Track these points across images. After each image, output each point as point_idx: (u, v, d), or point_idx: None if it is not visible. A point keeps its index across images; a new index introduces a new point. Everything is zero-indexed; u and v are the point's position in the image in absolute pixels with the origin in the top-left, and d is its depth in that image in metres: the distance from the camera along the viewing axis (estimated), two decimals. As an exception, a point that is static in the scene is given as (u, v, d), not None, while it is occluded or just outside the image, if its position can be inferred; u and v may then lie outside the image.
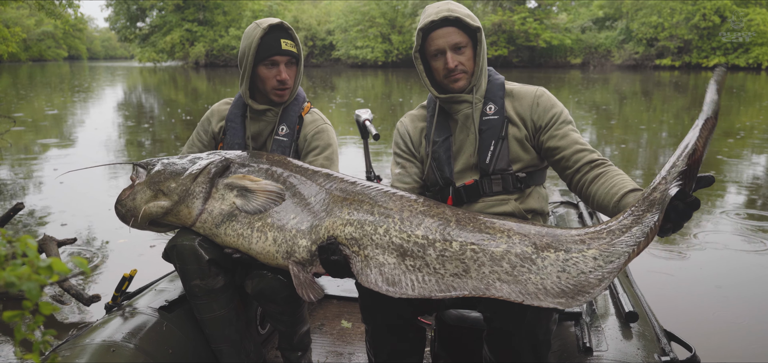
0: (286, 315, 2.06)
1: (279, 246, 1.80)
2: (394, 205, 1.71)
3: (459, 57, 1.91)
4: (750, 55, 33.50)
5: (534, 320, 1.56)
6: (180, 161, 2.02)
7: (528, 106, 1.96)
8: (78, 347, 1.78)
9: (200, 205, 1.93)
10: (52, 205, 5.70)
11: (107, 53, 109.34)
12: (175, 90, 23.87)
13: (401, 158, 2.10)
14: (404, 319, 1.76)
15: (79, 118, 13.82)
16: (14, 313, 0.95)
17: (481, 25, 1.93)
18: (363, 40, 42.85)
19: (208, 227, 1.92)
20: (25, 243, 0.96)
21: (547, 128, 1.93)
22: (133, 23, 53.24)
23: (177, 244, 1.96)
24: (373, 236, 1.66)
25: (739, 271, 3.92)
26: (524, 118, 1.96)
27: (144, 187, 1.97)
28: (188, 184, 1.94)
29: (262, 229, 1.83)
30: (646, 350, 1.75)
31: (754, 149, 8.72)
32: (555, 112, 1.94)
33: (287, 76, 2.18)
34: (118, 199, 2.01)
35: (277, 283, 1.97)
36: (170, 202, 1.95)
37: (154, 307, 2.05)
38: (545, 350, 1.64)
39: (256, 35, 2.15)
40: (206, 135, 2.36)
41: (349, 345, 2.64)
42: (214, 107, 2.39)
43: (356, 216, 1.71)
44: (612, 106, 14.96)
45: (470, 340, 2.18)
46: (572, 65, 40.45)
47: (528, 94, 1.99)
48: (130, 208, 1.98)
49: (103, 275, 3.93)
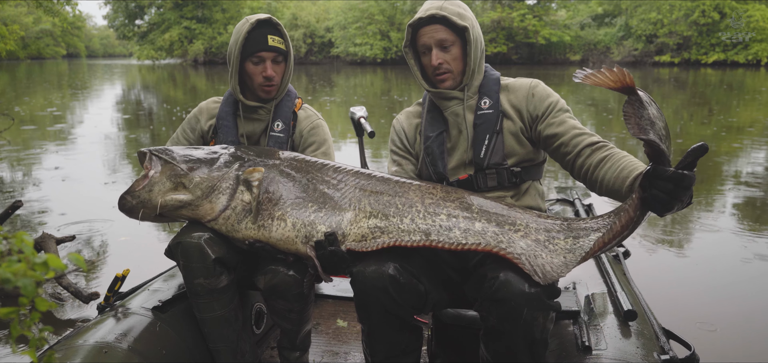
0: (294, 313, 2.04)
1: (298, 231, 1.83)
2: (414, 194, 1.80)
3: (444, 55, 1.91)
4: (749, 52, 33.54)
5: (530, 319, 1.55)
6: (199, 153, 1.98)
7: (523, 97, 1.95)
8: (70, 349, 1.75)
9: (225, 202, 1.89)
10: (51, 203, 5.69)
11: (106, 51, 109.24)
12: (174, 88, 23.85)
13: (397, 156, 2.11)
14: (401, 319, 1.76)
15: (77, 117, 13.81)
16: (10, 310, 0.95)
17: (473, 24, 1.92)
18: (362, 37, 42.86)
19: (230, 224, 1.90)
20: (21, 239, 0.96)
21: (544, 117, 1.92)
22: (131, 21, 53.18)
23: (182, 241, 1.91)
24: (400, 226, 1.75)
25: (737, 269, 3.92)
26: (520, 109, 1.95)
27: (163, 178, 1.90)
28: (216, 179, 1.91)
29: (282, 217, 1.85)
30: (646, 349, 1.74)
31: (754, 146, 8.73)
32: (551, 101, 1.93)
33: (273, 73, 2.16)
34: (129, 189, 1.92)
35: (290, 279, 1.94)
36: (192, 196, 1.90)
37: (147, 308, 2.01)
38: (542, 349, 1.63)
39: (243, 30, 2.13)
40: (193, 133, 2.31)
41: (345, 344, 2.63)
42: (202, 105, 2.34)
43: (378, 207, 1.80)
44: (611, 104, 14.95)
45: (467, 339, 2.17)
46: (571, 62, 40.44)
47: (523, 85, 1.98)
48: (144, 199, 1.90)
49: (102, 273, 3.93)
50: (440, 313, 2.15)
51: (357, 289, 1.74)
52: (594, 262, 2.43)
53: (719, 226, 4.77)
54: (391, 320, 1.75)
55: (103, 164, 7.80)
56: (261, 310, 2.45)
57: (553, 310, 1.60)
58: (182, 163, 1.93)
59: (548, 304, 1.58)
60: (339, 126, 10.96)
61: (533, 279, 1.56)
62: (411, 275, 1.72)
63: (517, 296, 1.54)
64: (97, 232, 4.74)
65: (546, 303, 1.57)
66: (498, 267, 1.60)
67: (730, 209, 5.29)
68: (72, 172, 7.25)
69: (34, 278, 0.91)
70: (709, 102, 15.47)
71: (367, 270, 1.70)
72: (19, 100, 16.91)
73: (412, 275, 1.72)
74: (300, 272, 1.96)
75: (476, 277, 1.66)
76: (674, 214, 5.07)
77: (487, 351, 1.69)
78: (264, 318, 2.48)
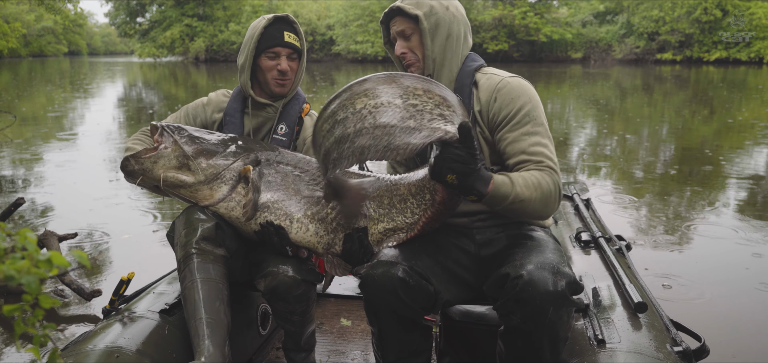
0: (297, 314, 2.02)
1: (321, 238, 1.91)
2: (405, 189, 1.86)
3: (406, 44, 1.90)
4: (752, 50, 33.45)
5: (556, 318, 1.53)
6: (209, 138, 2.00)
7: (486, 99, 1.84)
8: (80, 353, 1.74)
9: (226, 192, 1.93)
10: (54, 200, 5.69)
11: (107, 49, 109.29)
12: (176, 85, 23.85)
13: None
14: (411, 320, 1.75)
15: (79, 113, 13.82)
16: (14, 307, 0.94)
17: (432, 12, 1.85)
18: (363, 34, 42.80)
19: (235, 216, 1.95)
20: (24, 236, 0.95)
21: (500, 127, 1.81)
22: (132, 18, 53.21)
23: (186, 215, 1.95)
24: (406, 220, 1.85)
25: (741, 264, 3.91)
26: (482, 111, 1.84)
27: (170, 154, 1.93)
28: (221, 167, 1.93)
29: (301, 220, 1.92)
30: (658, 341, 1.73)
31: (756, 143, 8.71)
32: (511, 110, 1.78)
33: (287, 68, 2.16)
34: (136, 155, 1.94)
35: (290, 281, 1.93)
36: (194, 179, 1.93)
37: (154, 311, 2.00)
38: (563, 347, 1.62)
39: (260, 25, 2.14)
40: (195, 121, 2.28)
41: (350, 343, 2.62)
42: (212, 95, 2.33)
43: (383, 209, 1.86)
44: (613, 102, 14.94)
45: (475, 337, 2.16)
46: (573, 60, 40.39)
47: (490, 84, 1.85)
48: (146, 168, 1.94)
49: (105, 270, 3.93)
50: (448, 311, 2.14)
51: (366, 292, 1.72)
52: (598, 256, 2.40)
53: (722, 222, 4.76)
54: (401, 322, 1.74)
55: (105, 161, 7.81)
56: (266, 311, 2.44)
57: (577, 307, 1.58)
58: (192, 145, 1.95)
59: (573, 301, 1.57)
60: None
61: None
62: (420, 276, 1.69)
63: (543, 296, 1.52)
64: (99, 229, 4.74)
65: (571, 300, 1.56)
66: (520, 266, 1.58)
67: (733, 205, 5.28)
68: (74, 169, 7.26)
69: (37, 275, 0.90)
70: (711, 100, 15.45)
71: (376, 273, 1.68)
72: (21, 98, 16.92)
73: (422, 276, 1.70)
74: (300, 272, 1.95)
75: (497, 277, 1.63)
76: (678, 209, 5.06)
77: (507, 349, 1.68)
78: (269, 319, 2.47)
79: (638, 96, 16.77)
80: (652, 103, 14.97)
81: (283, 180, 1.95)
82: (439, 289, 1.75)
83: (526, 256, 1.63)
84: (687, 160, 7.55)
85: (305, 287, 1.98)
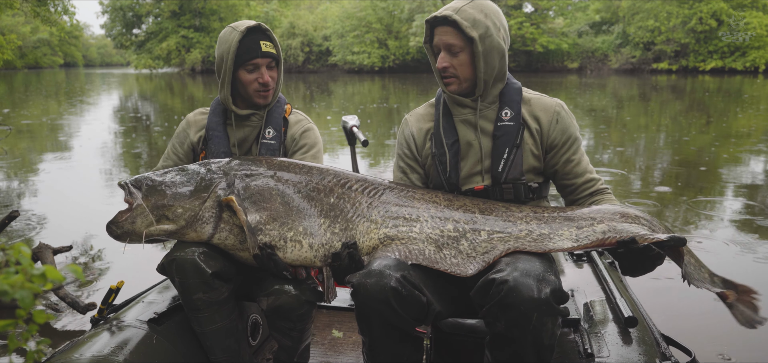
0: (296, 331, 2.01)
1: (316, 251, 1.86)
2: (419, 203, 1.85)
3: (451, 59, 1.88)
4: (747, 59, 33.65)
5: (540, 324, 1.53)
6: (179, 179, 1.92)
7: (547, 120, 1.92)
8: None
9: (211, 230, 1.87)
10: (48, 213, 5.66)
11: (103, 60, 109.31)
12: (172, 97, 23.84)
13: (404, 162, 2.07)
14: (403, 331, 1.73)
15: (75, 126, 13.78)
16: (7, 322, 0.93)
17: (488, 34, 1.83)
18: (359, 45, 42.93)
19: (230, 245, 1.90)
20: (18, 251, 0.94)
21: (563, 149, 1.92)
22: (129, 30, 53.27)
23: (176, 257, 1.86)
24: (410, 234, 1.80)
25: (734, 277, 3.90)
26: (542, 130, 1.92)
27: (145, 210, 1.86)
28: (196, 209, 1.87)
29: (295, 238, 1.86)
30: (648, 355, 1.74)
31: (752, 153, 8.73)
32: (572, 133, 1.93)
33: (269, 79, 2.15)
34: (113, 220, 1.88)
35: (293, 301, 1.91)
36: (176, 226, 1.87)
37: (142, 320, 1.97)
38: (550, 355, 1.61)
39: (234, 39, 2.10)
40: (182, 147, 2.27)
41: (341, 354, 2.60)
42: (189, 117, 2.30)
43: (387, 217, 1.84)
44: (609, 111, 14.98)
45: (466, 348, 2.15)
46: (569, 70, 40.56)
47: (548, 106, 1.94)
48: (128, 230, 1.87)
49: (100, 283, 3.90)
50: (439, 323, 2.12)
51: (358, 302, 1.70)
52: (591, 269, 2.41)
53: (718, 233, 4.76)
54: (392, 332, 1.72)
55: (100, 173, 7.78)
56: (257, 321, 2.42)
57: (562, 315, 1.58)
58: (160, 196, 1.88)
59: (557, 309, 1.56)
60: (339, 134, 10.94)
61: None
62: (413, 287, 1.68)
63: (526, 302, 1.51)
64: (94, 241, 4.71)
65: (555, 308, 1.55)
66: (505, 272, 1.57)
67: (730, 215, 5.28)
68: (69, 181, 7.23)
69: (31, 290, 0.89)
70: (707, 109, 15.50)
71: (369, 282, 1.66)
72: (16, 110, 16.88)
73: (414, 286, 1.68)
74: (303, 292, 1.94)
75: (483, 283, 1.62)
76: (673, 220, 5.05)
77: (493, 358, 1.67)
78: (260, 329, 2.45)
79: (634, 105, 16.81)
80: (649, 112, 15.01)
81: (269, 195, 1.90)
82: (432, 300, 1.75)
83: (512, 263, 1.63)
84: (683, 171, 7.55)
85: (308, 307, 1.97)
